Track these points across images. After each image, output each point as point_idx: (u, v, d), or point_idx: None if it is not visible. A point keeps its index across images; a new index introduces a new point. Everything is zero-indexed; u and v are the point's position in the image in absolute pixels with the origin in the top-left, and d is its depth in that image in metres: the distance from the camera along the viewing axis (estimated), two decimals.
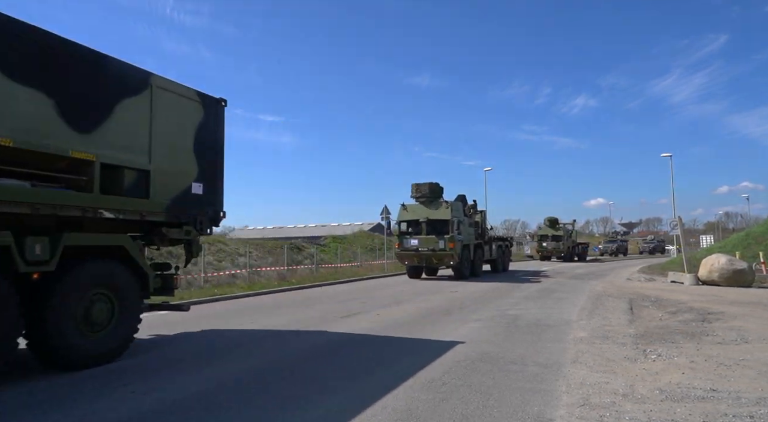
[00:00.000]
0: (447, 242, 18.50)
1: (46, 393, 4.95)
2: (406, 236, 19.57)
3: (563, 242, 37.84)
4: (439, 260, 19.09)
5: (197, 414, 4.25)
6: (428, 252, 18.92)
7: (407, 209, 20.05)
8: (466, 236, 19.78)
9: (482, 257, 21.84)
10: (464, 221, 19.91)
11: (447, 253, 18.61)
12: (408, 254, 19.54)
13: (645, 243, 60.02)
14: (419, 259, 19.39)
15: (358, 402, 4.51)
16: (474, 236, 21.01)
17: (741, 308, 10.20)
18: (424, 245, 19.01)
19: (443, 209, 19.21)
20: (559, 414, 4.16)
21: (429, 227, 19.19)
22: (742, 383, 4.97)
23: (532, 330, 8.25)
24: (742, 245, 24.31)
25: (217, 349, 6.96)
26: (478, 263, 21.26)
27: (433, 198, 19.76)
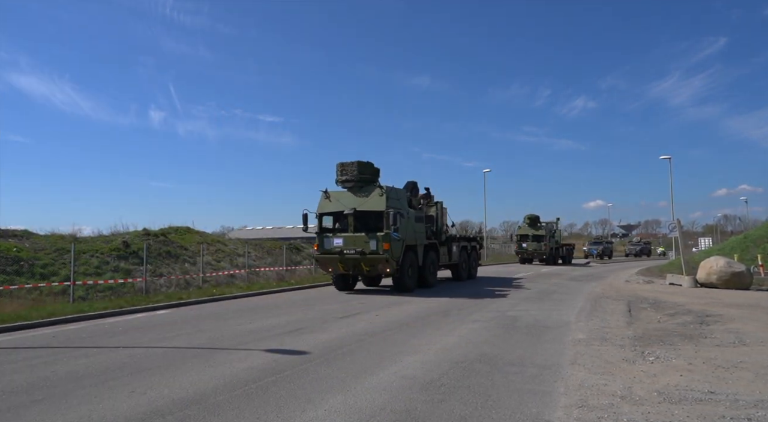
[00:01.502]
0: (380, 242, 13.78)
1: (44, 392, 4.95)
2: (327, 234, 14.74)
3: (545, 242, 33.89)
4: (370, 267, 14.27)
5: (197, 414, 4.26)
6: (355, 256, 14.13)
7: (330, 197, 15.12)
8: (410, 235, 15.12)
9: (436, 262, 17.15)
10: (409, 214, 15.21)
11: (380, 257, 13.82)
12: (330, 259, 14.62)
13: (631, 246, 58.66)
14: (345, 265, 14.51)
15: (357, 403, 4.52)
16: (425, 235, 16.33)
17: (739, 311, 10.22)
18: (350, 245, 14.19)
19: (376, 197, 14.31)
20: (557, 416, 4.16)
21: (358, 222, 14.44)
22: (740, 385, 4.98)
23: (530, 331, 8.26)
24: (741, 248, 24.37)
25: (218, 349, 6.96)
26: (430, 270, 16.63)
27: (363, 183, 14.86)
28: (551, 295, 14.17)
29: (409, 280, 15.06)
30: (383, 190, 14.39)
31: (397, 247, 14.17)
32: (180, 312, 11.16)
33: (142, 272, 16.45)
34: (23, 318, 9.58)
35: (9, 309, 10.82)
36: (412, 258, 15.23)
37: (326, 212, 15.11)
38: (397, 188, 15.41)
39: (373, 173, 15.16)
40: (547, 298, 13.38)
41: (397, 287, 14.97)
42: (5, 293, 12.99)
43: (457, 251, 18.95)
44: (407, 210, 15.24)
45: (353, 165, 14.77)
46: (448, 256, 18.20)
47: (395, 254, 14.06)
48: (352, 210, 14.25)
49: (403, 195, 15.53)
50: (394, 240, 13.94)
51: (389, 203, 14.18)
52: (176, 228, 24.01)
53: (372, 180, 15.05)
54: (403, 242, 14.53)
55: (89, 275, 16.89)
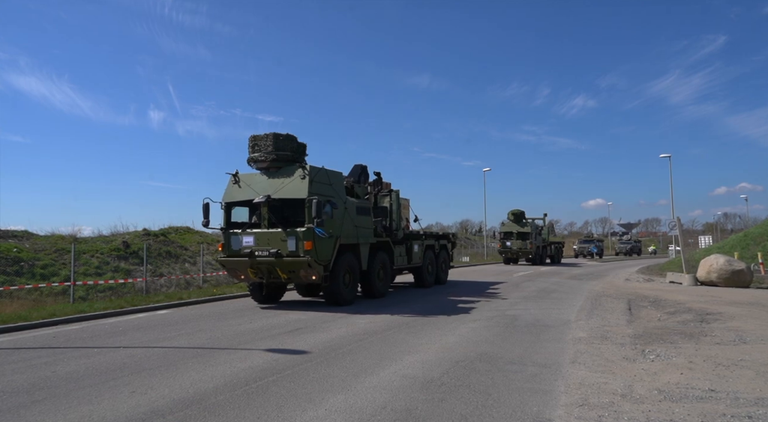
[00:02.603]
0: (300, 241, 10.44)
1: (44, 392, 4.96)
2: (235, 231, 11.17)
3: (531, 240, 30.82)
4: (289, 273, 10.79)
5: (198, 414, 4.26)
6: (268, 259, 10.61)
7: (240, 181, 11.45)
8: (348, 230, 11.69)
9: (389, 266, 13.70)
10: (347, 204, 11.84)
11: (300, 260, 10.38)
12: (238, 263, 11.04)
13: (621, 244, 56.50)
14: (256, 271, 11.01)
15: (358, 402, 4.53)
16: (372, 231, 12.85)
17: (739, 309, 10.22)
18: (263, 245, 10.74)
19: (297, 181, 10.77)
20: (557, 414, 4.17)
21: (274, 214, 11.20)
22: (741, 383, 4.98)
23: (530, 330, 8.27)
24: (741, 246, 24.38)
25: (218, 349, 6.97)
26: (380, 276, 13.18)
27: (282, 162, 11.23)
28: (551, 294, 14.17)
29: (346, 290, 11.54)
30: (306, 171, 10.76)
31: (325, 246, 10.73)
32: (180, 312, 11.16)
33: (142, 273, 16.45)
34: (24, 318, 9.59)
35: (9, 310, 10.83)
36: (350, 261, 11.70)
37: (234, 202, 11.46)
38: (331, 170, 11.67)
39: (295, 149, 11.44)
40: (546, 297, 13.38)
41: (329, 300, 11.53)
42: (6, 294, 13.00)
43: (419, 252, 15.75)
44: (345, 199, 11.79)
45: (267, 139, 11.19)
46: (406, 257, 14.99)
47: (322, 255, 10.59)
48: (265, 198, 10.74)
49: (338, 180, 11.84)
50: (320, 238, 10.51)
51: (314, 189, 10.69)
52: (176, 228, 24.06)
53: (294, 159, 11.30)
54: (336, 239, 11.09)
55: (89, 275, 16.90)
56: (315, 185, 10.82)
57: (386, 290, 13.67)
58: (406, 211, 16.50)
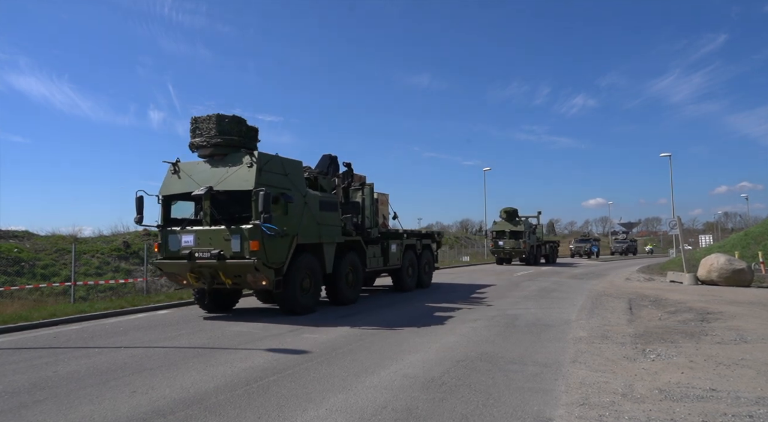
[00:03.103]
0: (245, 240, 8.91)
1: (45, 392, 4.96)
2: (173, 229, 9.59)
3: (525, 239, 29.25)
4: (234, 278, 9.24)
5: (199, 414, 4.26)
6: (210, 261, 9.07)
7: (179, 171, 9.86)
8: (308, 228, 10.13)
9: (360, 268, 12.13)
10: (308, 198, 10.25)
11: (245, 263, 8.82)
12: (177, 266, 9.48)
13: (617, 243, 54.97)
14: (197, 276, 9.45)
15: (359, 402, 4.53)
16: (339, 229, 11.35)
17: (740, 308, 10.22)
18: (204, 245, 9.21)
19: (243, 170, 9.21)
20: (558, 414, 4.17)
21: (218, 209, 9.39)
22: (742, 383, 4.98)
23: (531, 329, 8.27)
24: (741, 245, 24.38)
25: (218, 348, 6.97)
26: (348, 280, 11.63)
27: (228, 149, 9.65)
28: (551, 293, 14.17)
29: (305, 296, 10.05)
30: (254, 159, 9.16)
31: (277, 246, 9.17)
32: (181, 312, 11.17)
33: (142, 273, 16.46)
34: (24, 318, 9.60)
35: (10, 310, 10.84)
36: (310, 263, 10.20)
37: (171, 195, 9.82)
38: (288, 158, 10.09)
39: (244, 134, 9.89)
40: (547, 296, 13.38)
41: (284, 308, 10.02)
42: (6, 294, 13.02)
43: (397, 252, 14.23)
44: (305, 192, 10.22)
45: (210, 121, 9.57)
46: (382, 258, 13.50)
47: (272, 257, 9.03)
48: (206, 190, 9.15)
49: (296, 170, 10.22)
50: (270, 237, 8.90)
51: (263, 179, 9.10)
52: None
53: (242, 145, 9.72)
54: (293, 238, 9.55)
55: (90, 275, 16.92)
56: (265, 174, 9.23)
57: (357, 296, 12.10)
58: (384, 207, 15.00)
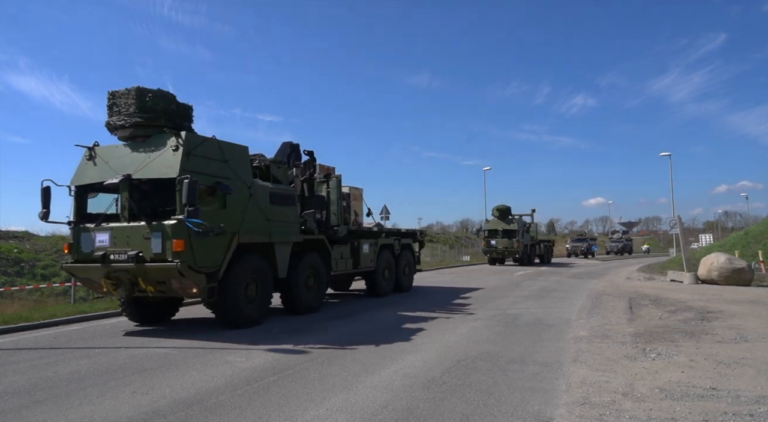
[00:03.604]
0: (168, 240, 7.44)
1: (46, 393, 4.96)
2: (86, 227, 8.08)
3: (518, 238, 27.97)
4: (157, 286, 7.80)
5: (199, 414, 4.26)
6: (127, 265, 7.60)
7: (95, 158, 8.30)
8: (252, 224, 8.62)
9: (325, 271, 10.73)
10: (253, 190, 8.76)
11: (167, 266, 7.38)
12: (91, 271, 8.00)
13: (612, 243, 54.61)
14: (114, 282, 7.86)
15: (359, 401, 4.53)
16: (297, 226, 9.89)
17: (740, 307, 10.23)
18: (121, 245, 7.74)
19: (168, 154, 7.74)
20: (559, 413, 4.17)
21: (138, 202, 8.03)
22: (742, 381, 4.98)
23: (531, 329, 8.26)
24: (742, 244, 24.38)
25: (219, 348, 6.97)
26: (308, 286, 10.15)
27: (151, 129, 8.12)
28: (551, 293, 14.16)
29: (249, 306, 8.53)
30: (180, 141, 7.67)
31: (209, 247, 7.68)
32: (180, 312, 11.16)
33: None
34: (25, 319, 9.59)
35: (10, 310, 10.84)
36: (257, 266, 8.71)
37: (85, 185, 8.25)
38: (228, 142, 8.56)
39: (172, 112, 8.23)
40: (547, 296, 13.38)
41: (222, 320, 8.50)
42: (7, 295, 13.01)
43: (370, 253, 12.68)
44: (250, 182, 8.70)
45: (130, 96, 8.00)
46: (352, 260, 11.99)
47: (202, 259, 7.57)
48: (121, 178, 7.68)
49: (239, 156, 8.67)
50: (199, 235, 7.38)
51: (192, 165, 7.62)
52: None
53: (169, 125, 8.09)
54: (232, 237, 8.07)
55: None
56: (195, 159, 7.73)
57: (319, 303, 10.53)
58: (358, 203, 13.72)
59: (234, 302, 8.27)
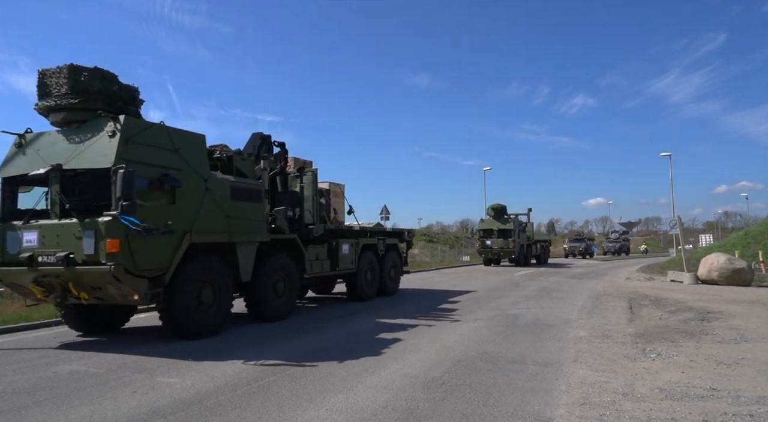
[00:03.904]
0: (101, 240, 6.44)
1: (46, 393, 4.96)
2: (13, 226, 7.13)
3: (514, 238, 27.31)
4: (93, 292, 6.89)
5: (199, 414, 4.26)
6: (57, 268, 6.62)
7: (25, 146, 7.41)
8: (209, 223, 7.75)
9: (297, 274, 9.87)
10: (210, 183, 7.84)
11: (99, 270, 6.40)
12: (18, 275, 7.02)
13: (609, 243, 54.57)
14: (47, 288, 6.96)
15: (359, 401, 4.53)
16: (264, 224, 8.95)
17: (740, 308, 10.23)
18: (50, 245, 6.78)
19: (104, 141, 6.75)
20: (559, 413, 4.17)
21: (70, 196, 6.94)
22: (742, 382, 4.98)
23: (531, 329, 8.26)
24: (742, 244, 24.39)
25: (219, 348, 6.96)
26: (276, 290, 9.27)
27: (87, 112, 7.13)
28: (551, 293, 14.16)
29: (206, 313, 7.64)
30: (118, 126, 6.72)
31: (152, 247, 6.78)
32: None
33: None
34: (25, 318, 9.59)
35: (11, 310, 10.84)
36: (213, 269, 7.79)
37: (12, 176, 7.36)
38: (179, 129, 7.61)
39: (112, 94, 7.31)
40: (547, 296, 13.38)
41: (170, 329, 7.56)
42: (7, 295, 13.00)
43: (350, 254, 11.84)
44: (206, 175, 7.79)
45: (62, 74, 7.08)
46: (329, 261, 11.13)
47: (144, 261, 6.69)
48: (50, 168, 6.81)
49: (192, 145, 7.70)
50: (139, 234, 6.48)
51: (132, 154, 6.71)
52: None
53: (108, 109, 7.06)
54: (183, 235, 7.20)
55: None
56: (135, 147, 6.79)
57: (290, 309, 9.65)
58: (339, 200, 12.94)
59: (183, 310, 7.32)
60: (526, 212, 31.33)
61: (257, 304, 9.02)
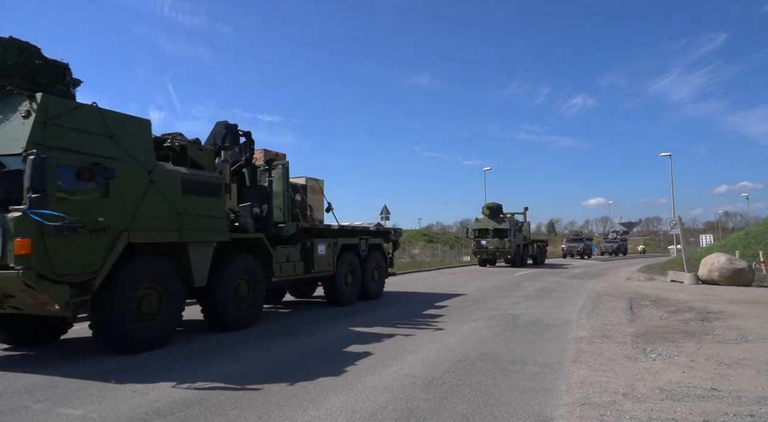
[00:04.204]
0: (8, 239, 5.45)
1: (46, 393, 4.95)
2: None
3: (510, 238, 26.48)
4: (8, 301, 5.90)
5: (199, 414, 4.25)
6: None
7: None
8: (153, 220, 6.84)
9: (261, 277, 8.89)
10: (154, 174, 6.90)
11: (7, 275, 5.39)
12: None
13: (606, 243, 54.44)
14: None
15: (359, 401, 4.52)
16: (223, 222, 8.05)
17: (741, 308, 10.22)
18: None
19: (17, 121, 5.75)
20: (559, 413, 4.16)
21: None
22: (743, 382, 4.98)
23: (532, 329, 8.26)
24: (742, 245, 24.38)
25: (218, 348, 6.96)
26: (238, 296, 8.38)
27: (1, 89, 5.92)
28: (551, 293, 14.15)
29: (145, 324, 6.68)
30: (34, 105, 5.79)
31: (76, 248, 5.87)
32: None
33: None
34: None
35: None
36: (157, 272, 6.89)
37: None
38: (114, 111, 6.61)
39: (30, 67, 6.32)
40: (547, 296, 13.37)
41: (103, 341, 6.58)
42: None
43: (327, 255, 10.85)
44: (150, 165, 6.86)
45: None
46: (303, 263, 10.20)
47: (65, 265, 5.78)
48: None
49: (131, 130, 6.74)
50: (55, 232, 5.59)
51: (51, 138, 5.80)
52: None
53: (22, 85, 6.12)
54: (119, 234, 6.30)
55: None
56: (55, 131, 5.85)
57: (254, 316, 8.74)
58: (317, 197, 12.04)
59: (117, 321, 6.33)
60: (522, 211, 30.45)
61: (215, 311, 8.07)
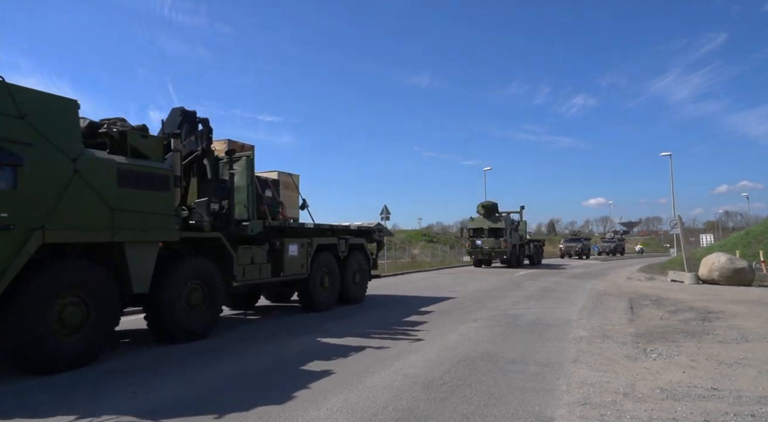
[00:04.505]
0: None
1: (47, 393, 4.95)
2: None
3: (506, 238, 25.82)
4: None
5: (199, 414, 4.25)
6: None
7: None
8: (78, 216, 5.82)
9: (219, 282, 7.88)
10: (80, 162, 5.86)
11: None
12: None
13: (604, 243, 55.02)
14: None
15: (359, 401, 4.52)
16: (172, 220, 7.03)
17: (741, 307, 10.22)
18: None
19: None
20: (559, 413, 4.16)
21: None
22: (743, 382, 4.97)
23: (532, 329, 8.25)
24: (742, 244, 24.38)
25: (218, 349, 6.95)
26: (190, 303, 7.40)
27: None
28: (552, 293, 14.15)
29: (68, 339, 5.70)
30: None
31: None
32: None
33: None
34: None
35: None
36: (84, 277, 5.90)
37: None
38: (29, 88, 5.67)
39: None
40: (548, 296, 13.36)
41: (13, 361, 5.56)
42: None
43: (299, 256, 9.85)
44: (75, 152, 5.90)
45: None
46: (270, 265, 9.21)
47: None
48: None
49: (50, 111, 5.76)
50: None
51: None
52: None
53: None
54: (30, 234, 5.34)
55: None
56: None
57: (209, 325, 7.76)
58: (291, 193, 11.07)
59: (25, 334, 5.31)
60: (518, 210, 29.70)
61: (161, 321, 7.09)
